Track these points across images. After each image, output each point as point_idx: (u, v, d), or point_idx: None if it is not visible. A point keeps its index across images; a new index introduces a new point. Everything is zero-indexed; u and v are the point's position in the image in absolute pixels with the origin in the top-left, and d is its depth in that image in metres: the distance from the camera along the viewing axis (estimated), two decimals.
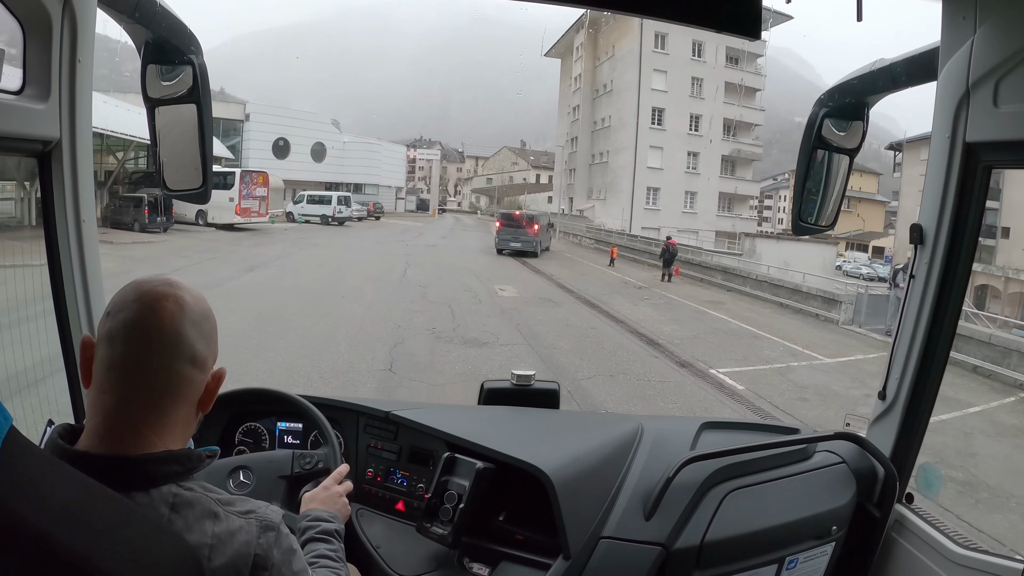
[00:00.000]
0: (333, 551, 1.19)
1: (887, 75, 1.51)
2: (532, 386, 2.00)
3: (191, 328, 0.83)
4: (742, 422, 2.10)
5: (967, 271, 1.44)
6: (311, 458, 1.53)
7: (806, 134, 1.62)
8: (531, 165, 78.20)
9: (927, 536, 1.53)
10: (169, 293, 0.83)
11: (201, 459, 0.85)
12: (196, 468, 0.84)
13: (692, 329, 13.02)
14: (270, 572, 0.82)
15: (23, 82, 1.27)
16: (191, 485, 0.82)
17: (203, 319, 0.86)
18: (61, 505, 0.65)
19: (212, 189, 1.49)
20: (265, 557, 0.82)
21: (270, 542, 0.83)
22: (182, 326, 0.82)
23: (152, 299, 0.82)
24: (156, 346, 0.81)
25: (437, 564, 1.51)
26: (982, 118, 1.30)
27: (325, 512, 1.28)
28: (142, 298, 0.82)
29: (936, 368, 1.52)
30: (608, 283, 19.68)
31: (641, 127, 42.04)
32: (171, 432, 0.83)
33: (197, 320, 0.85)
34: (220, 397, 1.26)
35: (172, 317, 0.82)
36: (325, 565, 1.14)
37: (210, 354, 0.87)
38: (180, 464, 0.81)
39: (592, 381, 8.37)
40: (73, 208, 1.41)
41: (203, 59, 1.45)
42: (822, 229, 1.74)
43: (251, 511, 0.85)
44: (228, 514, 0.81)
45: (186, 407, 0.85)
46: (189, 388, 0.84)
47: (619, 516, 1.46)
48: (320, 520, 1.25)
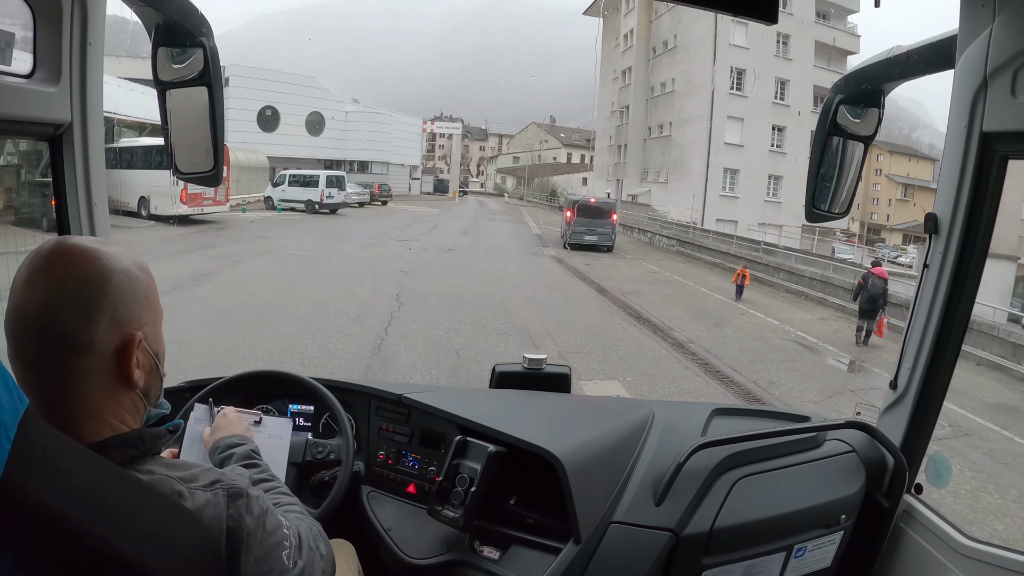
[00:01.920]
0: (262, 473, 1.10)
1: (904, 62, 1.47)
2: (544, 370, 1.96)
3: (64, 309, 0.72)
4: (753, 408, 2.15)
5: (981, 262, 1.39)
6: (324, 448, 1.55)
7: (820, 120, 1.60)
8: (562, 143, 69.22)
9: (935, 527, 1.49)
10: (38, 270, 0.73)
11: (159, 437, 0.80)
12: (153, 448, 0.79)
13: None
14: (246, 542, 0.77)
15: (33, 66, 1.25)
16: (150, 467, 0.77)
17: (82, 288, 0.73)
18: (78, 487, 0.64)
19: (160, 168, 1.16)
20: (238, 528, 0.77)
21: (240, 511, 0.78)
22: (51, 310, 0.72)
23: (22, 280, 0.73)
24: (31, 337, 0.72)
25: (448, 547, 1.48)
26: (999, 108, 1.25)
27: (234, 437, 1.20)
28: (18, 278, 0.74)
29: (948, 359, 1.47)
30: (779, 349, 10.28)
31: (718, 92, 32.28)
32: (101, 423, 0.75)
33: (74, 296, 0.72)
34: (232, 379, 1.60)
35: (38, 302, 0.72)
36: (265, 491, 0.98)
37: (104, 328, 0.74)
38: (133, 447, 0.76)
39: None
40: (85, 191, 1.39)
41: (214, 42, 1.41)
42: (836, 216, 1.69)
43: (216, 481, 0.79)
44: (193, 491, 0.76)
45: (95, 395, 0.75)
46: (81, 377, 0.73)
47: (629, 501, 1.43)
48: (231, 447, 1.16)
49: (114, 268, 0.76)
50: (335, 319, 8.93)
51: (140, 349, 0.77)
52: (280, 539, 0.83)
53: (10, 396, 0.59)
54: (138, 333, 0.77)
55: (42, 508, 0.60)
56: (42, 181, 18.81)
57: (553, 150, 68.18)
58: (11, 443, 0.58)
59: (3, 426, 0.57)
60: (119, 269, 0.76)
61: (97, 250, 0.76)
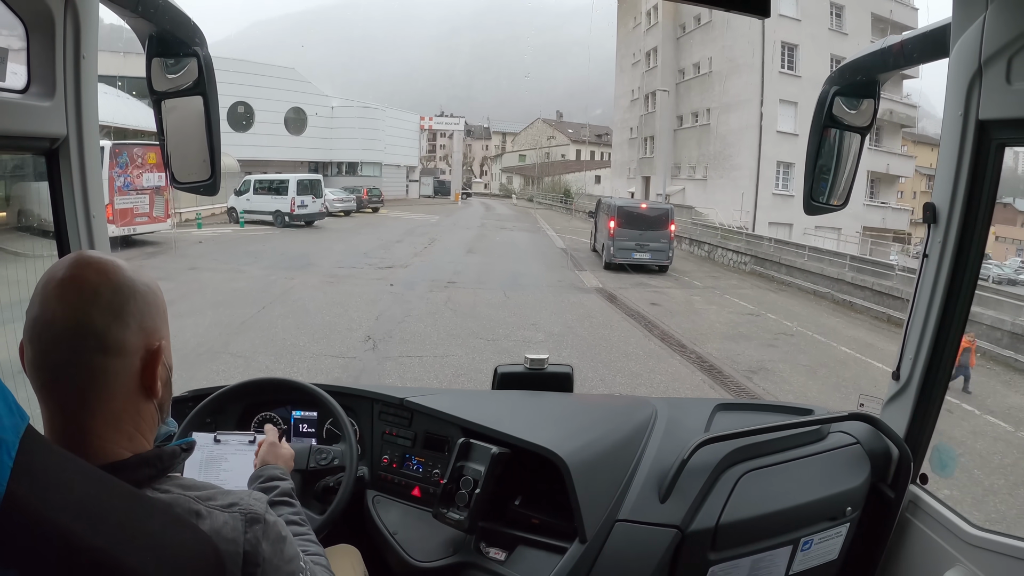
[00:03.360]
0: (295, 514, 1.10)
1: (898, 52, 1.46)
2: (546, 370, 1.91)
3: (98, 312, 0.73)
4: (756, 403, 2.20)
5: (980, 250, 1.39)
6: (328, 454, 1.52)
7: (816, 112, 1.58)
8: (571, 139, 63.47)
9: (941, 517, 1.46)
10: (68, 277, 0.74)
11: (175, 455, 0.79)
12: (170, 467, 0.78)
13: None
14: (262, 567, 0.76)
15: (28, 80, 1.24)
16: (167, 487, 0.76)
17: (115, 294, 0.74)
18: (80, 501, 0.63)
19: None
20: (255, 552, 0.76)
21: (257, 536, 0.77)
22: (83, 313, 0.72)
23: (51, 288, 0.73)
24: (60, 341, 0.72)
25: (454, 549, 1.46)
26: (995, 95, 1.24)
27: (278, 470, 1.21)
28: (43, 288, 0.74)
29: (950, 348, 1.47)
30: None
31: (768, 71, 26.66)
32: (120, 431, 0.75)
33: (108, 300, 0.74)
34: (236, 387, 1.58)
35: (71, 306, 0.72)
36: (294, 534, 0.96)
37: (133, 333, 0.75)
38: (151, 467, 0.76)
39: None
40: (83, 204, 1.37)
41: (208, 51, 1.40)
42: (834, 208, 1.67)
43: (234, 504, 0.77)
44: (211, 510, 0.75)
45: (119, 400, 0.75)
46: (110, 379, 0.74)
47: (634, 499, 1.42)
48: (275, 479, 1.17)
49: (138, 280, 0.77)
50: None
51: (162, 360, 0.78)
52: (296, 570, 0.82)
53: (11, 414, 0.59)
54: (162, 343, 0.78)
55: (45, 523, 0.60)
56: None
57: (561, 147, 62.49)
58: (13, 460, 0.58)
59: (4, 444, 0.57)
60: (142, 282, 0.78)
61: (120, 263, 0.77)
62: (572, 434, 1.49)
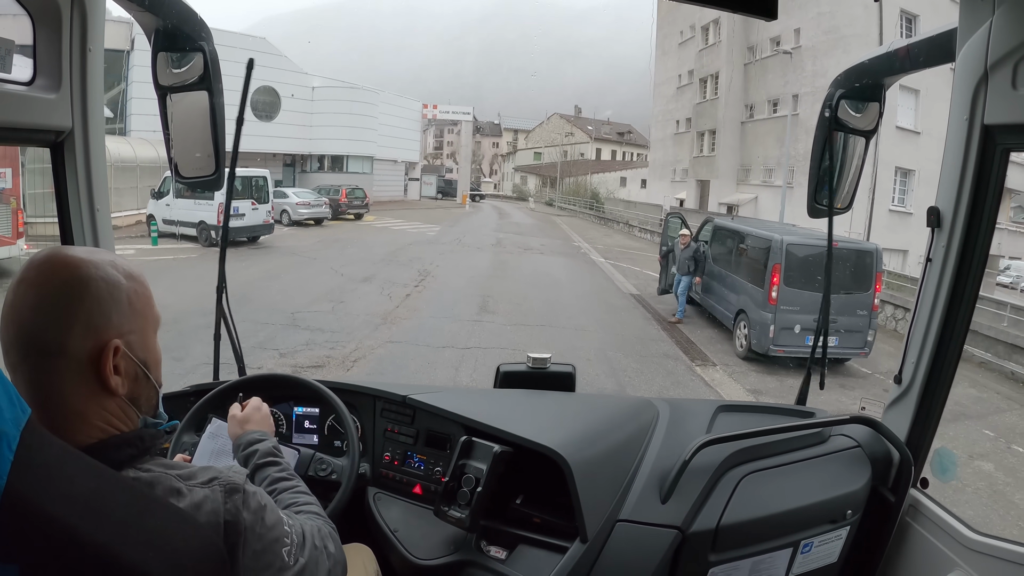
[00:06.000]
0: (282, 472, 1.10)
1: (904, 56, 1.45)
2: (548, 369, 1.87)
3: (38, 315, 0.71)
4: (758, 404, 2.15)
5: (984, 255, 1.36)
6: (328, 466, 1.50)
7: (822, 116, 1.57)
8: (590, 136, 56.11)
9: (941, 521, 1.44)
10: (20, 280, 0.72)
11: (156, 437, 0.79)
12: (152, 447, 0.78)
13: None
14: (243, 536, 0.76)
15: (34, 73, 1.22)
16: (149, 466, 0.76)
17: (59, 296, 0.72)
18: (81, 496, 0.63)
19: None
20: (235, 522, 0.76)
21: (237, 505, 0.77)
22: (24, 316, 0.71)
23: (9, 289, 0.73)
24: (9, 343, 0.72)
25: (455, 547, 1.44)
26: (1000, 100, 1.23)
27: (255, 433, 1.19)
28: (8, 289, 0.73)
29: (953, 353, 1.44)
30: None
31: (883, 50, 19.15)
32: (88, 424, 0.73)
33: (51, 302, 0.71)
34: (236, 383, 1.53)
35: (15, 308, 0.72)
36: (283, 489, 1.05)
37: (77, 333, 0.72)
38: (133, 447, 0.76)
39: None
40: (87, 197, 1.35)
41: (213, 46, 1.39)
42: (838, 212, 1.65)
43: (213, 478, 0.78)
44: (191, 487, 0.75)
45: (78, 397, 0.73)
46: (56, 379, 0.72)
47: (635, 499, 1.40)
48: (255, 443, 1.16)
49: (94, 276, 0.74)
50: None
51: (120, 356, 0.75)
52: (280, 535, 0.82)
53: (12, 406, 0.58)
54: (115, 340, 0.74)
55: (46, 518, 0.59)
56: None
57: (580, 144, 55.07)
58: (13, 453, 0.57)
59: (5, 437, 0.56)
60: (100, 277, 0.74)
61: (81, 259, 0.75)
62: (574, 434, 1.47)
